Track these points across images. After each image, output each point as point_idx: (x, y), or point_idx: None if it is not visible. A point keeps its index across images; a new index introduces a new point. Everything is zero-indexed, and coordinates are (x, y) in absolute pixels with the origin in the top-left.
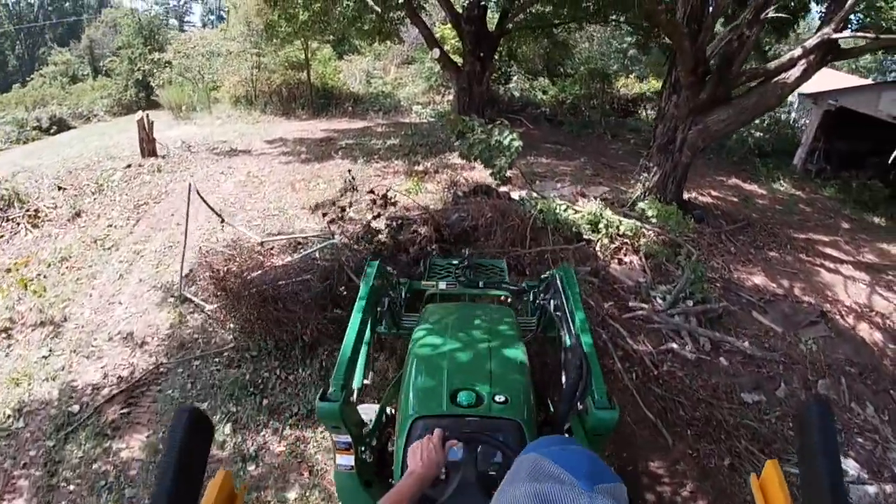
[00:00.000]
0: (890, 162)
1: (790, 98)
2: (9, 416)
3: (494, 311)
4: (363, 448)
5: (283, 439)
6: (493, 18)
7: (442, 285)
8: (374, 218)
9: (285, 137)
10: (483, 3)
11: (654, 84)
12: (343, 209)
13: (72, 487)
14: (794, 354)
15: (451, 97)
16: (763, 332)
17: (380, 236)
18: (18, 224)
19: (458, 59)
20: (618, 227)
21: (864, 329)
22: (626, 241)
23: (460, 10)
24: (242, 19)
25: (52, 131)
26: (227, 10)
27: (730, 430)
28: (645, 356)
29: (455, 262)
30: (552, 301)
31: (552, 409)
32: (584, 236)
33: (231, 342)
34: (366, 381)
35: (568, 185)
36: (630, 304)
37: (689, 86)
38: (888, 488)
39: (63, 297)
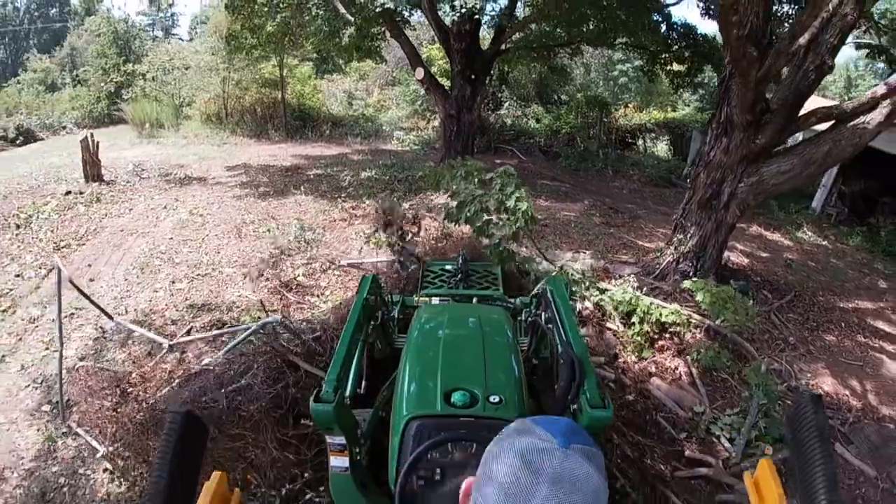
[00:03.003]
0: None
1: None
2: None
3: (488, 311)
4: (357, 449)
5: None
6: (485, 38)
7: (435, 301)
8: None
9: (249, 164)
10: (476, 16)
11: (655, 115)
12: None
13: None
14: None
15: (436, 123)
16: (853, 477)
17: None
18: None
19: (445, 82)
20: (658, 316)
21: None
22: (667, 334)
23: (450, 24)
24: (214, 32)
25: (18, 142)
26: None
27: None
28: None
29: (448, 267)
30: (543, 314)
31: (546, 408)
32: (609, 325)
33: (102, 498)
34: (359, 391)
35: (588, 256)
36: (686, 453)
37: (744, 127)
38: None
39: None
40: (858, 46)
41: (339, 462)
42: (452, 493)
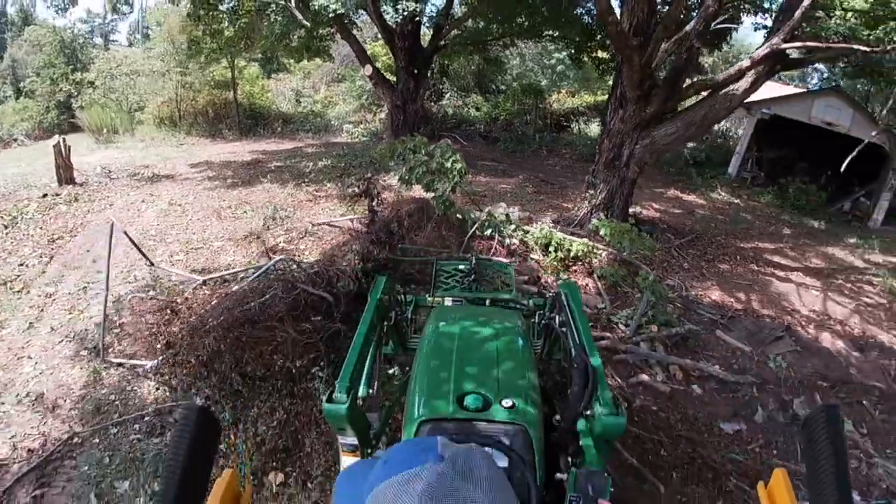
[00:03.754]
0: (820, 165)
1: None
2: None
3: (502, 314)
4: (369, 451)
5: None
6: (425, 35)
7: (448, 301)
8: None
9: (211, 161)
10: (417, 18)
11: (586, 98)
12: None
13: None
14: (765, 374)
15: (383, 116)
16: (730, 352)
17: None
18: None
19: (390, 77)
20: (569, 248)
21: (826, 339)
22: (578, 261)
23: (393, 26)
24: (166, 37)
25: None
26: (149, 28)
27: (716, 468)
28: (615, 391)
29: (461, 267)
30: (557, 318)
31: (559, 414)
32: (533, 256)
33: (151, 403)
34: (371, 391)
35: (517, 210)
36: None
37: (635, 100)
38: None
39: None
40: (756, 28)
41: (349, 462)
42: None
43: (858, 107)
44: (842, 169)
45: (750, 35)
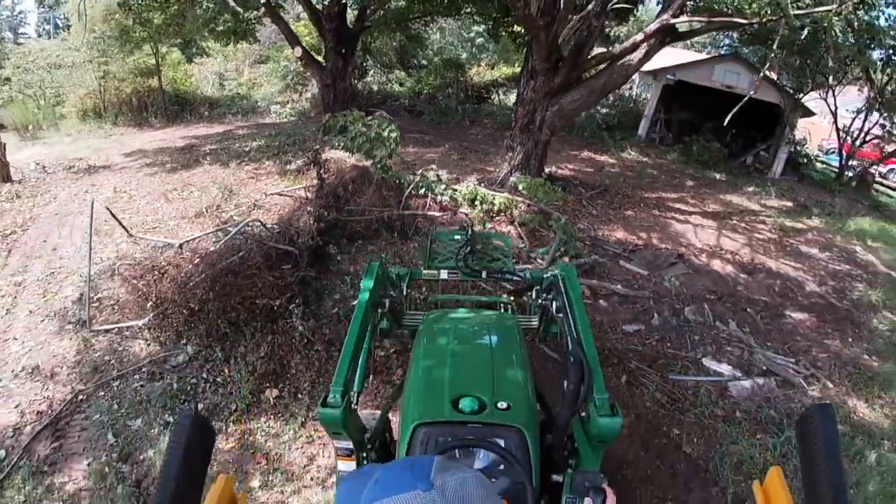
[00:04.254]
0: (725, 124)
1: (634, 76)
2: None
3: (497, 317)
4: (364, 454)
5: (228, 436)
6: (350, 16)
7: (443, 275)
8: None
9: (144, 149)
10: (343, 1)
11: (505, 70)
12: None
13: None
14: (660, 291)
15: (309, 95)
16: (632, 276)
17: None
18: None
19: (317, 58)
20: (492, 202)
21: (717, 264)
22: (501, 212)
23: (321, 8)
24: (87, 27)
25: None
26: (62, 18)
27: (620, 356)
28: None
29: (457, 237)
30: (554, 302)
31: (554, 415)
32: (462, 210)
33: (145, 359)
34: (366, 386)
35: (445, 173)
36: (515, 267)
37: (544, 72)
38: (759, 381)
39: None
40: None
41: (346, 467)
42: None
43: (755, 70)
44: (725, 122)
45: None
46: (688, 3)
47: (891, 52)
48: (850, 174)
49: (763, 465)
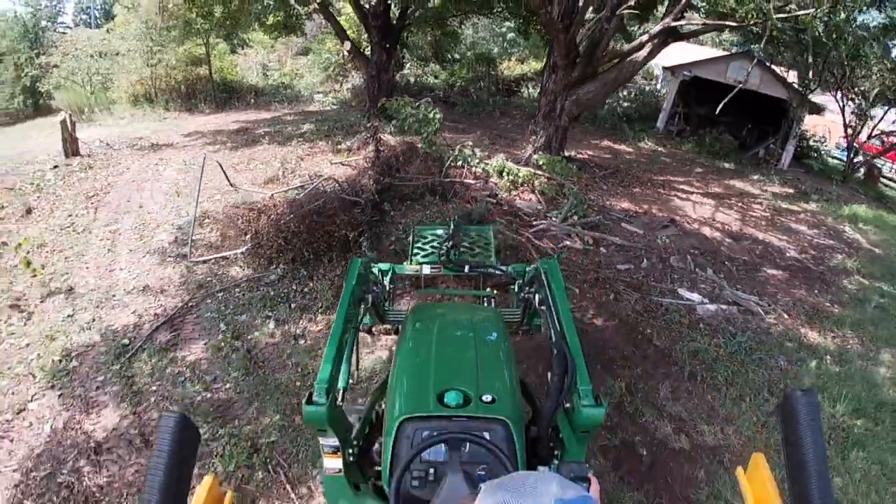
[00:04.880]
0: (739, 119)
1: (656, 72)
2: (59, 361)
3: (481, 312)
4: (350, 450)
5: (317, 323)
6: (394, 14)
7: (426, 269)
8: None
9: (201, 131)
10: (389, 2)
11: (534, 65)
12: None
13: (154, 388)
14: (652, 245)
15: (349, 85)
16: (630, 234)
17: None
18: None
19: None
20: (517, 174)
21: (706, 231)
22: (524, 184)
23: (367, 7)
24: (141, 18)
25: None
26: (99, 10)
27: (610, 282)
28: (549, 250)
29: (440, 231)
30: (537, 295)
31: (539, 407)
32: (492, 179)
33: (243, 279)
34: (350, 381)
35: (478, 151)
36: (533, 222)
37: (563, 67)
38: (723, 307)
39: (60, 273)
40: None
41: (332, 464)
42: (446, 492)
43: (766, 67)
44: (717, 111)
45: None
46: (699, 3)
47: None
48: (860, 169)
49: (715, 356)
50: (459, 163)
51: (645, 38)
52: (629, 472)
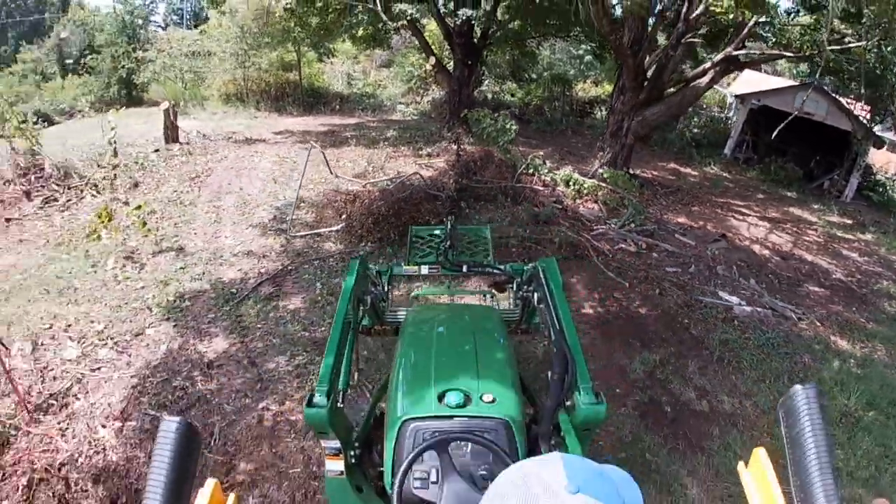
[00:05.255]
0: (773, 137)
1: (729, 100)
2: (174, 300)
3: (480, 311)
4: (352, 452)
5: (399, 289)
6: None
7: (424, 270)
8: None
9: (291, 130)
10: (473, 22)
11: (608, 88)
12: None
13: (259, 325)
14: (701, 255)
15: (429, 98)
16: (681, 244)
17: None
18: (82, 191)
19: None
20: (582, 184)
21: (756, 248)
22: (588, 193)
23: (452, 26)
24: (237, 23)
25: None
26: (190, 13)
27: (658, 280)
28: (605, 250)
29: (437, 232)
30: (535, 294)
31: (540, 405)
32: (559, 188)
33: (336, 252)
34: (351, 382)
35: (549, 163)
36: (594, 227)
37: (631, 89)
38: (759, 310)
39: (170, 236)
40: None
41: (333, 466)
42: (449, 493)
43: (832, 99)
44: (773, 135)
45: None
46: (765, 34)
47: None
48: None
49: (744, 345)
50: (530, 171)
51: (707, 65)
52: (653, 422)
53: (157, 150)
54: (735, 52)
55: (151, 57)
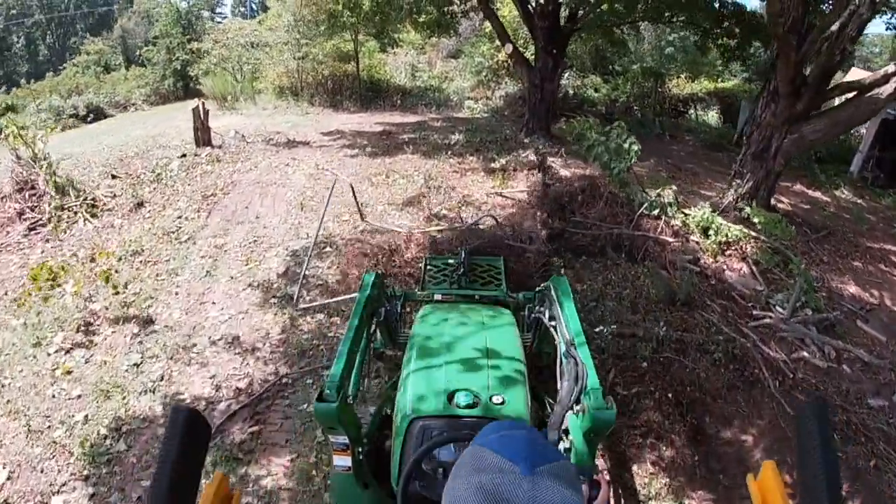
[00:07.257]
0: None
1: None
2: (105, 437)
3: (492, 312)
4: (360, 449)
5: None
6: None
7: (437, 297)
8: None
9: (342, 130)
10: (561, 1)
11: (707, 84)
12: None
13: None
14: None
15: (501, 93)
16: (869, 340)
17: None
18: (76, 213)
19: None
20: (726, 234)
21: None
22: (732, 245)
23: (534, 6)
24: (289, 11)
25: (88, 119)
26: (259, 2)
27: (868, 434)
28: (781, 363)
29: (451, 261)
30: (546, 312)
31: (549, 408)
32: (692, 238)
33: None
34: (361, 388)
35: (671, 193)
36: (754, 312)
37: (787, 95)
38: None
39: (144, 296)
40: (888, 27)
41: (341, 461)
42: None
43: None
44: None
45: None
46: None
47: None
48: None
49: None
50: (656, 211)
51: (890, 68)
52: None
53: (184, 156)
54: None
55: (207, 48)
